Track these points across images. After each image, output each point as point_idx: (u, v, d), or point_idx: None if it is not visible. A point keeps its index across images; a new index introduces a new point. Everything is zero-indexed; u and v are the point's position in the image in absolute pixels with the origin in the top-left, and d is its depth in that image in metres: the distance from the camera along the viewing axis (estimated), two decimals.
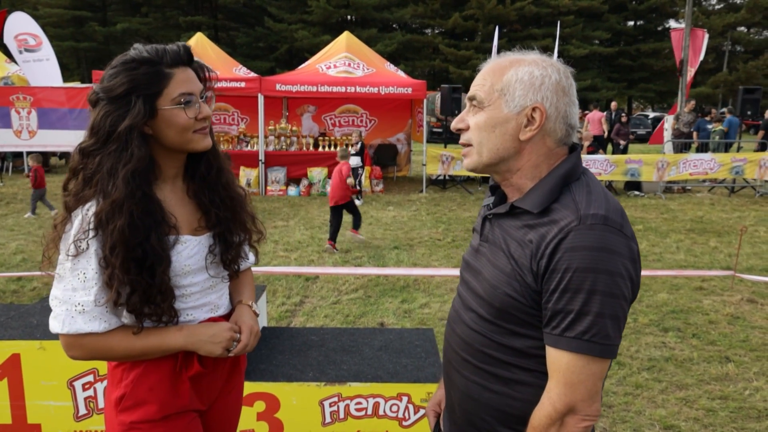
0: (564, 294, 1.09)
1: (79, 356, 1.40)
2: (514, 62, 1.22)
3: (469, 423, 1.29)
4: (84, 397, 2.96)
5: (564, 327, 1.09)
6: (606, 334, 1.08)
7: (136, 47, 1.42)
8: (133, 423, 1.43)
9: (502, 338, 1.20)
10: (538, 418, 1.13)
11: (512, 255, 1.18)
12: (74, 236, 1.33)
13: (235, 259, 1.59)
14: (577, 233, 1.09)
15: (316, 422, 2.99)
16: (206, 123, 1.46)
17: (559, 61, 1.24)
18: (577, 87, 1.26)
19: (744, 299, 5.39)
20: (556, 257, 1.09)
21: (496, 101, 1.21)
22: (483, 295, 1.23)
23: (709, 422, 3.26)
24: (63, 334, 1.36)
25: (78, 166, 1.39)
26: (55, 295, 1.38)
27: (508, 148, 1.22)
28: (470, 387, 1.26)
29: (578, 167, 1.21)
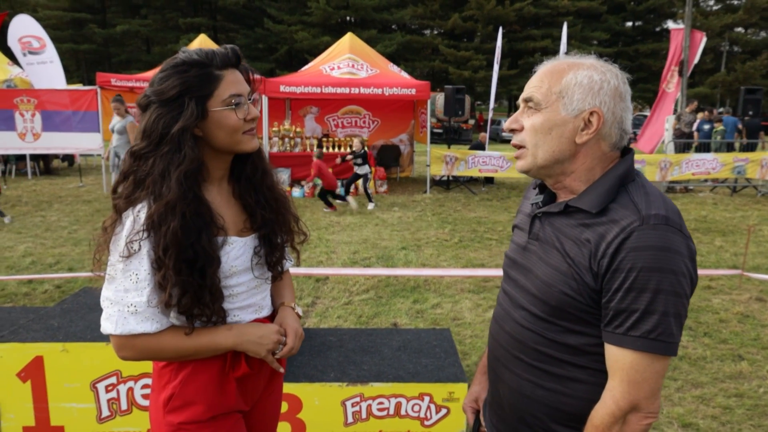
0: (629, 293, 1.10)
1: (131, 357, 1.42)
2: (572, 66, 1.24)
3: (520, 420, 1.31)
4: (107, 399, 2.97)
5: (629, 326, 1.11)
6: (671, 333, 1.11)
7: (184, 50, 1.44)
8: (181, 424, 1.44)
9: (557, 336, 1.22)
10: (600, 417, 1.15)
11: (568, 253, 1.20)
12: (126, 238, 1.35)
13: (280, 260, 1.61)
14: (641, 233, 1.11)
15: (338, 422, 3.01)
16: (254, 124, 1.48)
17: (617, 67, 1.26)
18: None
19: (753, 298, 5.42)
20: (619, 257, 1.11)
21: (554, 103, 1.23)
22: (536, 293, 1.24)
23: (726, 420, 3.28)
24: (115, 335, 1.38)
25: (129, 169, 1.41)
26: (106, 296, 1.40)
27: (564, 150, 1.23)
28: (522, 384, 1.28)
29: (633, 169, 1.23)
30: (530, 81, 1.28)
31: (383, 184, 12.24)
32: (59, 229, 8.22)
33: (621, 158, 1.25)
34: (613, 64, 1.26)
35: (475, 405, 1.59)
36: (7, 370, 2.92)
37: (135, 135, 1.46)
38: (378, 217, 9.33)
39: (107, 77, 11.51)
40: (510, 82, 37.52)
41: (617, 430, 1.13)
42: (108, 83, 11.50)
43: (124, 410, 2.99)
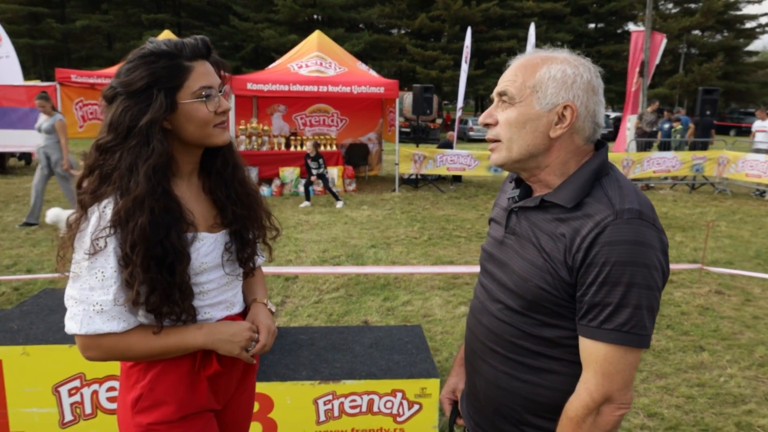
0: (602, 287, 1.12)
1: (97, 357, 1.37)
2: (546, 60, 1.24)
3: (496, 412, 1.31)
4: (70, 403, 2.89)
5: (602, 319, 1.13)
6: (643, 326, 1.12)
7: (152, 41, 1.39)
8: (151, 425, 1.40)
9: (533, 329, 1.23)
10: (575, 408, 1.16)
11: (543, 248, 1.20)
12: (92, 234, 1.30)
13: (251, 256, 1.58)
14: (615, 228, 1.12)
15: (310, 421, 2.99)
16: (225, 117, 1.44)
17: (589, 61, 1.27)
18: None
19: (712, 291, 5.59)
20: (593, 251, 1.12)
21: (528, 98, 1.23)
22: (512, 287, 1.25)
23: (690, 408, 3.38)
24: (81, 335, 1.33)
25: (95, 162, 1.36)
26: (70, 295, 1.34)
27: (538, 144, 1.24)
28: (498, 376, 1.29)
29: (607, 163, 1.24)
30: (504, 75, 1.28)
31: (352, 183, 12.21)
32: (16, 230, 7.95)
33: (595, 152, 1.27)
34: (586, 58, 1.27)
35: (453, 396, 1.59)
36: None
37: (101, 128, 1.41)
38: (347, 216, 9.30)
39: (67, 73, 11.19)
40: (476, 81, 37.89)
41: (591, 421, 1.15)
42: (68, 79, 11.18)
43: (89, 414, 2.91)
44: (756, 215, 9.86)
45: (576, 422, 1.15)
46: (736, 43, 44.68)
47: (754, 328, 4.69)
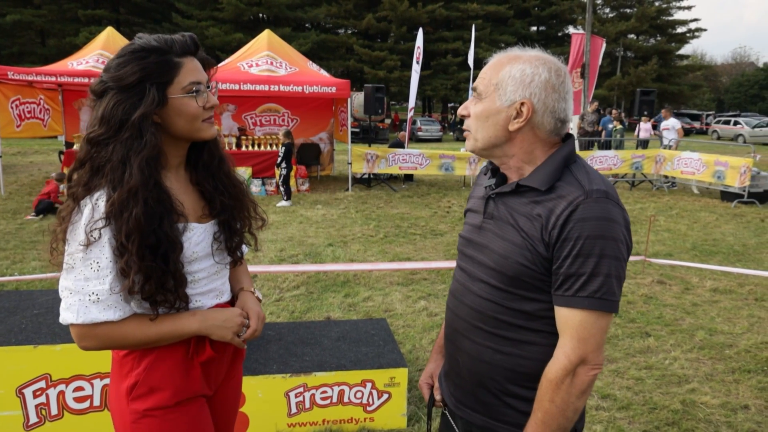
0: (577, 259, 1.23)
1: (93, 346, 1.39)
2: (511, 59, 1.35)
3: (479, 384, 1.41)
4: (35, 405, 2.84)
5: (577, 288, 1.24)
6: (613, 292, 1.25)
7: (141, 36, 1.42)
8: (147, 410, 1.43)
9: (513, 303, 1.33)
10: (554, 371, 1.27)
11: (522, 228, 1.31)
12: (86, 226, 1.32)
13: (239, 246, 1.62)
14: (586, 206, 1.24)
15: (281, 414, 3.03)
16: (212, 112, 1.49)
17: (558, 60, 1.38)
18: None
19: (654, 281, 5.92)
20: (567, 227, 1.24)
21: (492, 94, 1.35)
22: (494, 266, 1.35)
23: (639, 389, 3.60)
24: (77, 325, 1.35)
25: (87, 155, 1.38)
26: (65, 286, 1.36)
27: (499, 136, 1.36)
28: (481, 351, 1.39)
29: (574, 152, 1.36)
30: (481, 72, 1.39)
31: (305, 183, 12.18)
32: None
33: (563, 143, 1.39)
34: (556, 57, 1.38)
35: (431, 381, 1.68)
36: None
37: (90, 121, 1.42)
38: (302, 215, 9.30)
39: (4, 70, 10.67)
40: (424, 82, 38.29)
41: (568, 382, 1.26)
42: (4, 76, 10.67)
43: (55, 415, 2.86)
44: (691, 210, 10.45)
45: (555, 384, 1.26)
46: (668, 47, 46.93)
47: (694, 314, 5.01)
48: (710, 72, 61.37)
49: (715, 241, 7.90)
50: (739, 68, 63.77)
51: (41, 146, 21.72)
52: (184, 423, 1.46)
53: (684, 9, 46.77)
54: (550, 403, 1.26)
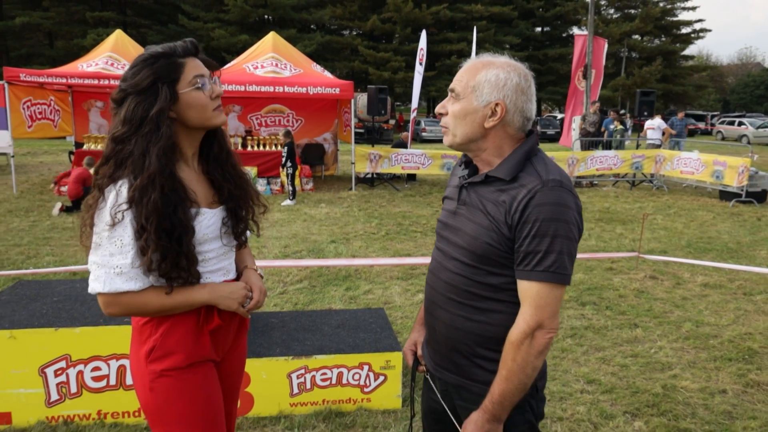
0: (534, 238, 1.43)
1: (117, 313, 1.60)
2: (486, 64, 1.55)
3: (453, 349, 1.61)
4: (56, 383, 3.05)
5: (534, 263, 1.44)
6: (565, 267, 1.44)
7: (149, 47, 1.65)
8: (163, 371, 1.64)
9: (482, 278, 1.53)
10: (515, 335, 1.47)
11: (489, 212, 1.51)
12: (111, 209, 1.53)
13: (244, 230, 1.83)
14: (542, 193, 1.44)
15: (284, 394, 3.24)
16: (219, 101, 1.70)
17: (524, 66, 1.58)
18: None
19: (647, 276, 6.10)
20: (527, 212, 1.44)
21: (469, 95, 1.54)
22: (465, 246, 1.55)
23: (624, 375, 3.79)
24: (104, 293, 1.56)
25: (111, 152, 1.59)
26: (93, 260, 1.57)
27: (475, 132, 1.56)
28: (455, 319, 1.59)
29: (536, 146, 1.56)
30: (456, 75, 1.59)
31: (309, 182, 12.41)
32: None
33: (526, 138, 1.59)
34: (523, 63, 1.59)
35: (414, 348, 1.88)
36: None
37: (112, 124, 1.64)
38: (306, 213, 9.51)
39: (16, 72, 10.94)
40: (428, 83, 38.48)
41: (528, 343, 1.45)
42: (17, 78, 10.94)
43: (74, 393, 3.07)
44: (689, 209, 10.60)
45: (516, 345, 1.46)
46: (673, 47, 46.95)
47: (683, 307, 5.19)
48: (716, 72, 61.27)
49: (710, 239, 8.06)
50: (745, 69, 63.71)
51: (50, 147, 22.05)
52: (195, 383, 1.67)
53: (688, 10, 46.76)
54: (512, 362, 1.46)
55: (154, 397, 1.63)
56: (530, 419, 1.57)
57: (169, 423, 1.65)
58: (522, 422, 1.55)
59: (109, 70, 11.53)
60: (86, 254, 1.63)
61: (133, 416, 3.15)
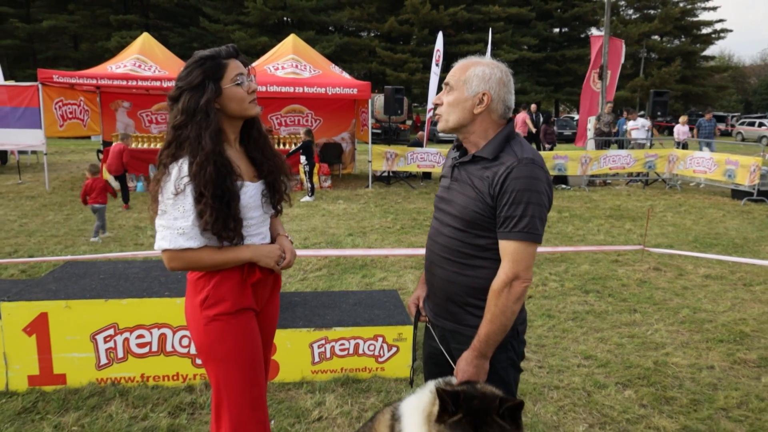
0: (512, 205, 1.76)
1: (178, 267, 1.96)
2: (474, 63, 1.90)
3: (448, 299, 1.95)
4: (105, 349, 3.43)
5: (512, 225, 1.76)
6: (536, 228, 1.77)
7: (198, 52, 2.01)
8: (215, 315, 1.99)
9: (471, 240, 1.86)
10: (497, 285, 1.79)
11: (476, 186, 1.84)
12: (174, 182, 1.90)
13: (279, 201, 2.19)
14: (518, 169, 1.76)
15: (306, 362, 3.60)
16: (255, 95, 2.06)
17: (505, 65, 1.91)
18: None
19: (651, 268, 6.36)
20: (506, 184, 1.76)
21: (461, 87, 1.88)
22: (457, 214, 1.89)
23: (619, 352, 4.08)
24: (169, 250, 1.91)
25: (172, 138, 1.96)
26: (160, 224, 1.93)
27: (465, 117, 1.89)
28: (449, 275, 1.92)
29: (513, 130, 1.90)
30: (450, 72, 1.93)
31: (327, 180, 12.79)
32: (8, 223, 8.32)
33: (507, 124, 1.91)
34: (503, 62, 1.92)
35: (417, 302, 2.21)
36: (13, 325, 3.33)
37: (171, 116, 1.99)
38: (324, 209, 9.89)
39: (49, 74, 11.47)
40: None
41: (506, 291, 1.78)
42: (50, 79, 11.47)
43: (120, 358, 3.45)
44: (700, 207, 10.78)
45: (497, 293, 1.78)
46: (693, 48, 46.59)
47: (683, 295, 5.45)
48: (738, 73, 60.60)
49: (717, 235, 8.27)
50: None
51: (77, 146, 22.75)
52: (241, 325, 2.02)
53: (709, 10, 46.39)
54: (495, 306, 1.79)
55: (208, 338, 1.99)
56: (512, 357, 1.90)
57: (220, 359, 2.00)
58: (505, 359, 1.88)
59: (136, 71, 12.02)
60: (153, 219, 1.99)
61: (172, 380, 3.52)
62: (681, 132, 15.80)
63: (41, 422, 3.05)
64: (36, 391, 3.37)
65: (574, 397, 3.41)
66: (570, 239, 7.85)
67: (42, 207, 9.71)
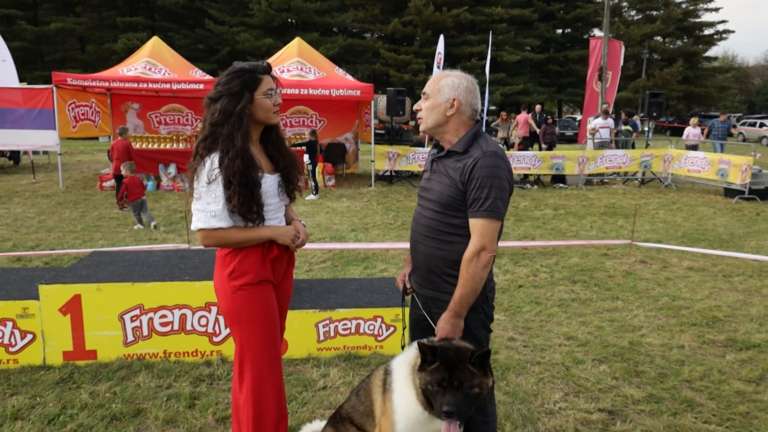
0: (478, 189, 2.14)
1: (211, 243, 2.34)
2: (446, 75, 2.30)
3: (429, 270, 2.33)
4: (132, 327, 3.82)
5: (479, 206, 2.14)
6: (498, 207, 2.15)
7: (237, 64, 2.38)
8: (240, 285, 2.37)
9: (447, 220, 2.24)
10: (468, 255, 2.16)
11: (450, 175, 2.23)
12: (208, 172, 2.28)
13: (292, 191, 2.57)
14: (483, 159, 2.15)
15: (312, 340, 3.97)
16: (278, 107, 2.43)
17: (471, 76, 2.30)
18: (510, 91, 2.35)
19: (637, 261, 6.72)
20: (473, 172, 2.15)
21: (436, 95, 2.28)
22: (435, 199, 2.27)
23: (599, 334, 4.44)
24: (203, 229, 2.30)
25: (209, 133, 2.34)
26: (196, 207, 2.32)
27: (440, 119, 2.29)
28: (430, 250, 2.30)
29: (481, 129, 2.28)
30: (427, 83, 2.33)
31: (331, 179, 13.18)
32: (27, 219, 8.73)
33: (475, 124, 2.30)
34: (469, 74, 2.30)
35: (404, 278, 2.60)
36: (50, 306, 3.72)
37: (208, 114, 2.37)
38: (328, 206, 10.27)
39: (63, 77, 11.90)
40: None
41: (475, 260, 2.15)
42: (64, 82, 11.89)
43: (145, 336, 3.84)
44: (692, 205, 11.12)
45: (468, 262, 2.16)
46: (695, 49, 46.79)
47: (665, 285, 5.81)
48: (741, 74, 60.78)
49: (705, 231, 8.62)
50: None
51: (85, 147, 23.22)
52: (262, 294, 2.40)
53: (711, 11, 46.63)
54: (466, 273, 2.17)
55: (234, 304, 2.37)
56: (482, 318, 2.28)
57: (244, 322, 2.38)
58: (477, 320, 2.26)
59: (146, 74, 12.43)
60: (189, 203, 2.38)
61: (191, 355, 3.91)
62: (692, 134, 15.69)
63: (78, 390, 3.44)
64: (70, 365, 3.76)
65: (553, 371, 3.78)
66: (563, 235, 8.21)
67: (58, 205, 10.12)
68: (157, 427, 3.05)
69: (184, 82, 12.22)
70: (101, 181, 12.08)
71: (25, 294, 3.83)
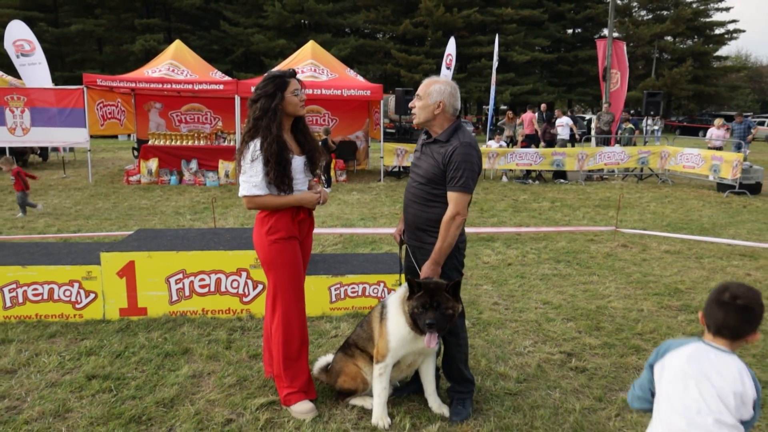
0: (455, 170, 2.87)
1: (253, 207, 3.10)
2: (434, 81, 3.02)
3: (416, 227, 3.07)
4: (176, 289, 4.59)
5: (455, 183, 2.87)
6: (469, 184, 2.88)
7: (271, 71, 3.14)
8: (275, 239, 3.11)
9: (431, 190, 2.98)
10: (446, 218, 2.89)
11: (435, 158, 2.96)
12: (251, 152, 3.03)
13: (314, 170, 3.31)
14: (460, 148, 2.88)
15: (325, 302, 4.72)
16: (304, 102, 3.18)
17: (454, 82, 3.02)
18: (519, 90, 3.15)
19: (619, 245, 7.40)
20: (452, 157, 2.88)
21: (426, 97, 3.02)
22: (423, 174, 3.01)
23: (571, 300, 5.15)
24: (247, 196, 3.05)
25: (252, 125, 3.09)
26: (242, 179, 3.07)
27: (429, 116, 3.02)
28: (417, 212, 3.04)
29: (461, 124, 3.01)
30: (419, 87, 3.05)
31: (342, 174, 13.94)
32: (66, 209, 9.57)
33: (456, 119, 3.02)
34: (452, 81, 3.02)
35: (399, 233, 3.34)
36: (109, 270, 4.50)
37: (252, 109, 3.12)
38: (339, 199, 11.03)
39: (93, 78, 12.76)
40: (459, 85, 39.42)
41: (451, 222, 2.87)
42: (93, 83, 12.76)
43: (187, 296, 4.61)
44: (684, 198, 11.74)
45: (446, 223, 2.89)
46: (705, 48, 46.97)
47: (640, 265, 6.49)
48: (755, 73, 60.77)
49: (690, 221, 9.26)
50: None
51: (107, 145, 24.17)
52: (291, 247, 3.15)
53: (722, 10, 46.79)
54: (444, 231, 2.90)
55: (270, 254, 3.12)
56: (455, 263, 3.03)
57: (278, 267, 3.13)
58: (451, 265, 3.00)
59: (170, 75, 13.27)
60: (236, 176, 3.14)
61: (225, 313, 4.67)
62: (715, 136, 15.38)
63: (135, 336, 4.21)
64: (125, 320, 4.53)
65: (527, 326, 4.51)
66: (556, 224, 8.90)
67: (90, 197, 10.97)
68: (202, 360, 3.82)
69: (205, 83, 13.04)
70: (127, 176, 12.93)
71: (89, 260, 4.62)
